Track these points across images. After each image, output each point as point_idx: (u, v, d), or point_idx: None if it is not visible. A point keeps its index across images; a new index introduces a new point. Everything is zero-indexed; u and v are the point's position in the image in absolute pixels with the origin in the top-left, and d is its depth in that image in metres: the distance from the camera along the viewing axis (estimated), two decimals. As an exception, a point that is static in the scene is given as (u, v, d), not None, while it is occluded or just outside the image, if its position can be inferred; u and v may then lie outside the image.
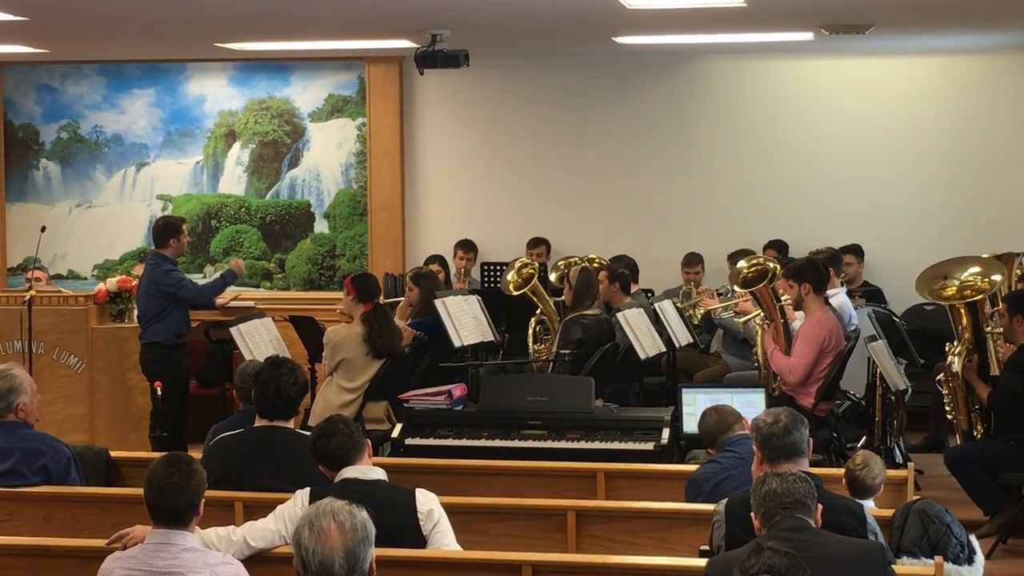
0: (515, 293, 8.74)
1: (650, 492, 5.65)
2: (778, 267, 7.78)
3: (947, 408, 7.38)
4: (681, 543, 4.96)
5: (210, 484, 4.22)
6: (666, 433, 6.69)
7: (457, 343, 7.77)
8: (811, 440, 4.58)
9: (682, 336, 8.32)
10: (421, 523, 4.40)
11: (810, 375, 7.35)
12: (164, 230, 8.52)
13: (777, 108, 10.62)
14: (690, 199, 10.72)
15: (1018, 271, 8.24)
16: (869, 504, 4.99)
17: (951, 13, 8.33)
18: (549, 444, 6.77)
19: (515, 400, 6.98)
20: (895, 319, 8.51)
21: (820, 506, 4.02)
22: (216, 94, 11.20)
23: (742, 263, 8.03)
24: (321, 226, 11.20)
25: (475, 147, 11.01)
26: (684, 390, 6.96)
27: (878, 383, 7.73)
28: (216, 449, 5.32)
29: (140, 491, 4.01)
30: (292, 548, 3.30)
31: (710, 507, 4.62)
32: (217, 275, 9.04)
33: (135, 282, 8.73)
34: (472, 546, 4.70)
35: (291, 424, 5.28)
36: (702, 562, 4.19)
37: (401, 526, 4.31)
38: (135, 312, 8.72)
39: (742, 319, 8.36)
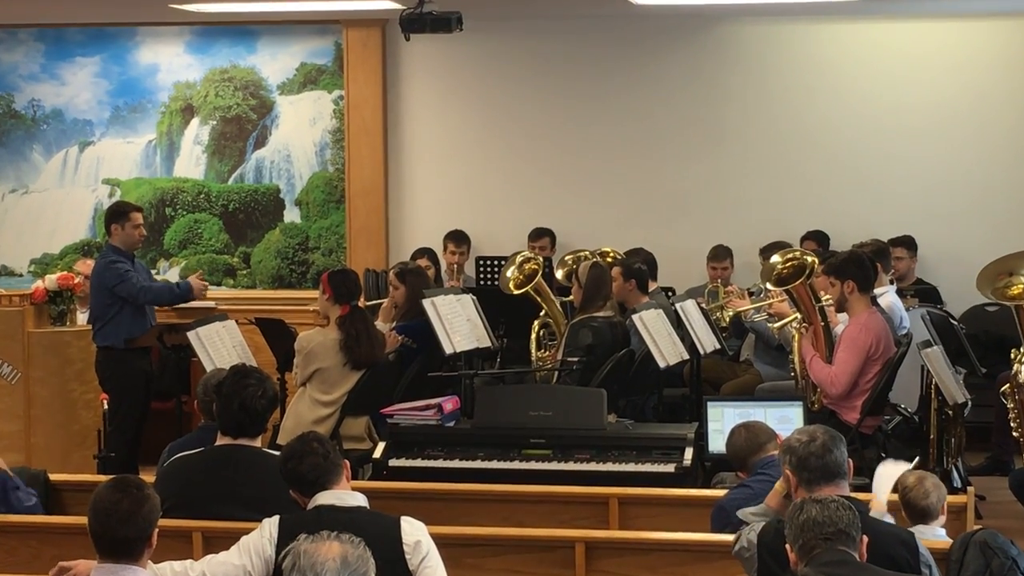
0: (516, 292, 8.74)
1: (671, 521, 5.66)
2: (818, 262, 7.78)
3: (1012, 424, 7.38)
4: (706, 580, 4.97)
5: (164, 511, 4.23)
6: (689, 453, 6.70)
7: (449, 350, 7.77)
8: (851, 461, 4.59)
9: (707, 341, 8.32)
10: (407, 556, 4.41)
11: (855, 386, 7.36)
12: (107, 216, 8.62)
13: (817, 79, 10.62)
14: (717, 184, 10.72)
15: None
16: (940, 532, 4.99)
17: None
18: (554, 466, 6.79)
19: (515, 415, 6.99)
20: (953, 322, 8.51)
21: (865, 537, 4.03)
22: (171, 63, 11.19)
23: (776, 257, 8.04)
24: (292, 215, 11.20)
25: (469, 124, 11.01)
26: (710, 404, 6.97)
27: (933, 395, 7.73)
28: (171, 471, 5.33)
29: (84, 520, 4.01)
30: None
31: (740, 538, 4.62)
32: (173, 282, 8.95)
33: (78, 279, 8.73)
34: (466, 583, 4.71)
35: (258, 443, 5.28)
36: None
37: (385, 560, 4.31)
38: (78, 314, 8.72)
39: (777, 323, 8.36)
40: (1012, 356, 7.35)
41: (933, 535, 4.87)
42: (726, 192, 10.71)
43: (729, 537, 4.99)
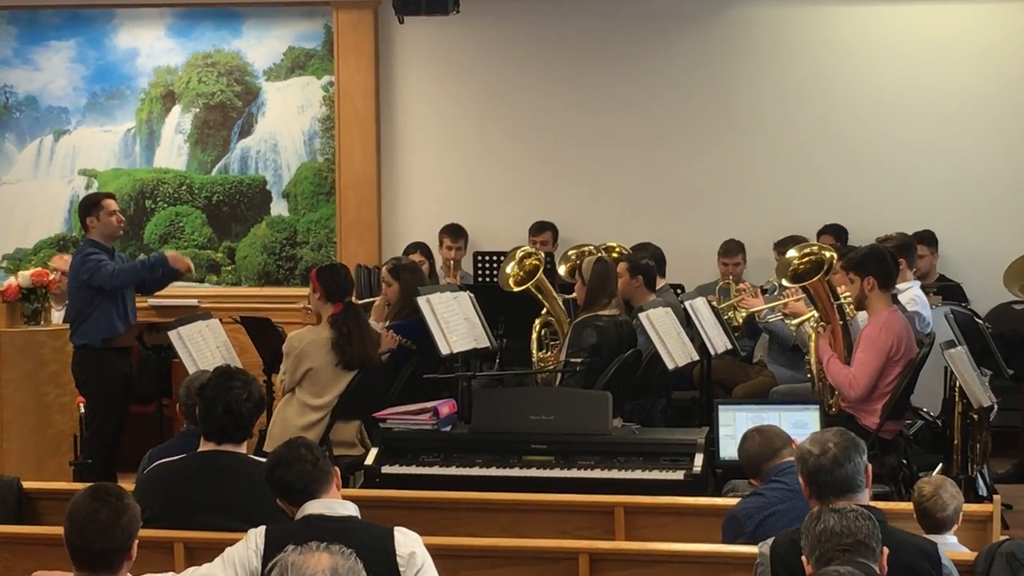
0: (516, 289, 8.74)
1: (679, 531, 5.66)
2: (836, 257, 7.78)
3: (1041, 429, 7.38)
4: (717, 593, 4.97)
5: (145, 521, 4.22)
6: (699, 459, 6.70)
7: (445, 350, 7.77)
8: (870, 467, 4.58)
9: (719, 341, 8.32)
10: (401, 568, 4.41)
11: (875, 389, 7.35)
12: (80, 211, 8.56)
13: (834, 65, 10.62)
14: (728, 175, 10.73)
15: None
16: (951, 540, 4.99)
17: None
18: (557, 473, 6.79)
19: (515, 419, 6.99)
20: (978, 321, 8.51)
21: (886, 549, 4.02)
22: (151, 47, 11.19)
23: (793, 252, 8.04)
24: (279, 208, 11.20)
25: (466, 112, 11.01)
26: (721, 407, 6.97)
27: (957, 399, 7.73)
28: (152, 479, 5.33)
29: (60, 530, 4.01)
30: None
31: (753, 549, 4.62)
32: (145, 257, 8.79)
33: (53, 275, 8.72)
34: (463, 597, 4.71)
35: (243, 449, 5.28)
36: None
37: (377, 572, 4.30)
38: (53, 312, 8.71)
39: (792, 321, 8.36)
40: (1041, 357, 7.36)
41: (943, 543, 4.87)
42: (738, 184, 10.71)
43: (740, 548, 4.99)
